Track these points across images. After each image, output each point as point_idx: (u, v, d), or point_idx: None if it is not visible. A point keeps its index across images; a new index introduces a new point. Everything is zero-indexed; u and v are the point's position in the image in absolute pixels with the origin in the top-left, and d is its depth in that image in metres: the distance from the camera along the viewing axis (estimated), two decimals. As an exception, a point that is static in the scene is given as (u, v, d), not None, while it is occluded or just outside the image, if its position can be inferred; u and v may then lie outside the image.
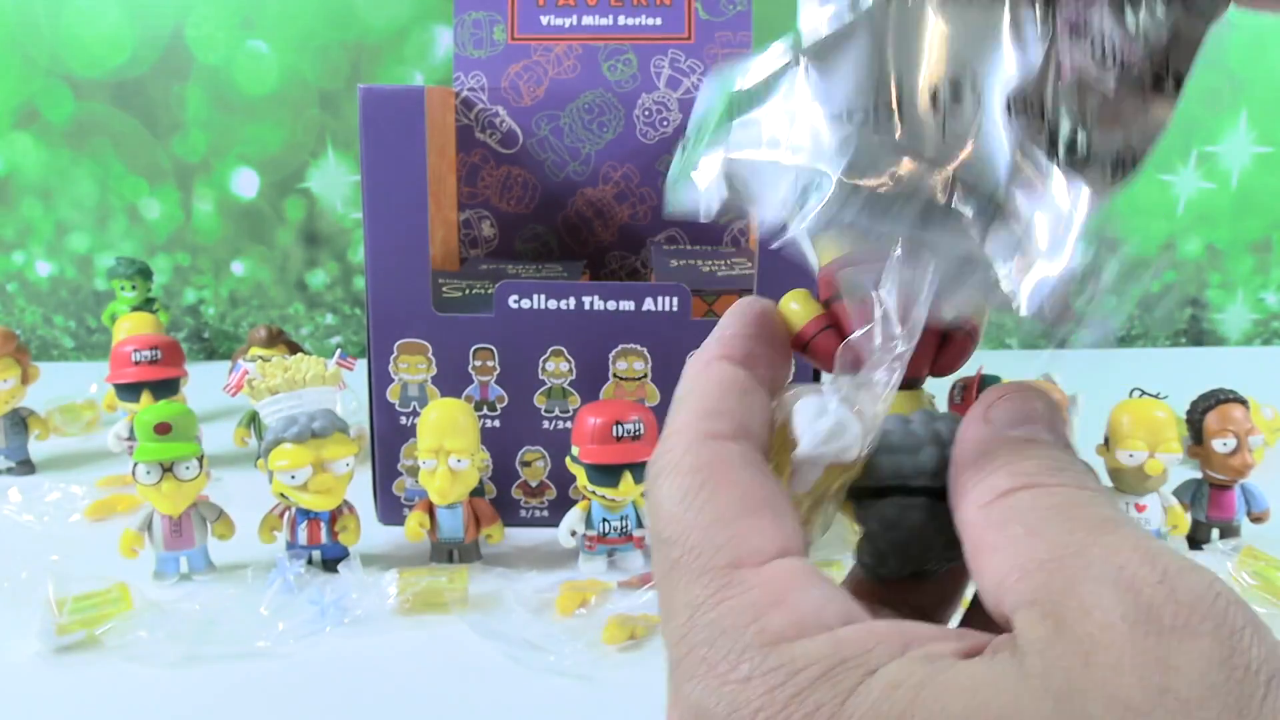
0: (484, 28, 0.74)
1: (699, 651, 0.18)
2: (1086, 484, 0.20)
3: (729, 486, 0.20)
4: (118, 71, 1.00)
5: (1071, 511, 0.19)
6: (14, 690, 0.48)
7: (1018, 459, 0.20)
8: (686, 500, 0.20)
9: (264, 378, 0.61)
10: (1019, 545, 0.19)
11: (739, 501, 0.20)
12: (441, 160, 0.71)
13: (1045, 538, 0.18)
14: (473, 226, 0.77)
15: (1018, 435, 0.21)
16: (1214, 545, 0.60)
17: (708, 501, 0.20)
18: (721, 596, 0.18)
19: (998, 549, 0.19)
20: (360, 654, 0.52)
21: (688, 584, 0.19)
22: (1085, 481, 0.20)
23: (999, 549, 0.19)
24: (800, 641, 0.17)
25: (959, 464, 0.21)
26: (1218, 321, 1.14)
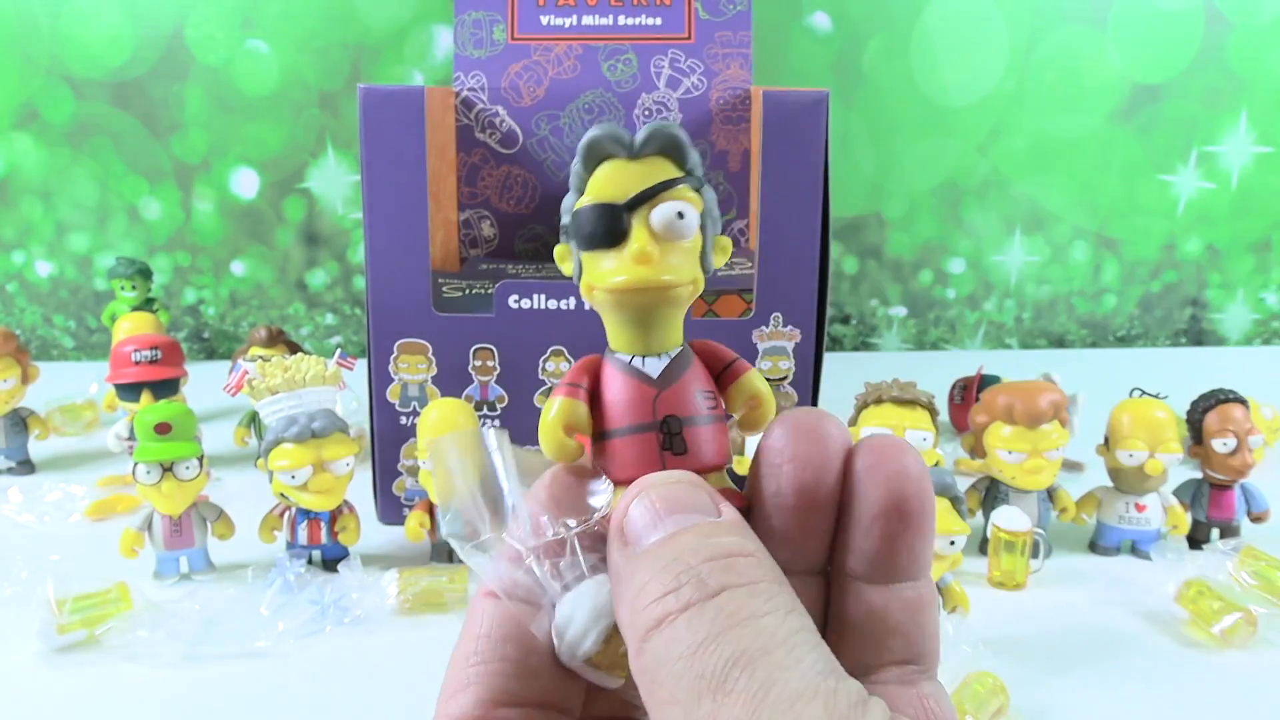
0: (484, 28, 0.74)
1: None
2: (748, 574, 0.19)
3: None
4: (118, 71, 1.00)
5: (725, 642, 0.18)
6: (14, 690, 0.48)
7: (661, 573, 0.19)
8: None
9: (264, 378, 0.61)
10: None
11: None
12: (441, 160, 0.71)
13: (679, 709, 0.18)
14: (473, 226, 0.77)
15: (658, 540, 0.20)
16: (1214, 545, 0.60)
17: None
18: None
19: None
20: (360, 654, 0.52)
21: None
22: (731, 578, 0.18)
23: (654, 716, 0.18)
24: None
25: (617, 607, 0.20)
26: (1218, 321, 1.14)
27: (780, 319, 0.61)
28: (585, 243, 0.22)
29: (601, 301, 0.22)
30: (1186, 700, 0.48)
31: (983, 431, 0.62)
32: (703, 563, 0.19)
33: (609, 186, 0.22)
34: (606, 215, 0.22)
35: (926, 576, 0.22)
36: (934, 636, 0.22)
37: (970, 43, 1.03)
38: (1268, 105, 1.07)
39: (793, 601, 0.18)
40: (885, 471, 0.21)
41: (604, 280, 0.22)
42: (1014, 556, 0.57)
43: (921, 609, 0.21)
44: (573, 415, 0.22)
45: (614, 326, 0.23)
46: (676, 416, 0.22)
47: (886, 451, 0.21)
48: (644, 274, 0.21)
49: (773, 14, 1.00)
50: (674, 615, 0.18)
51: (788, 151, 0.58)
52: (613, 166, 0.22)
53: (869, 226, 1.09)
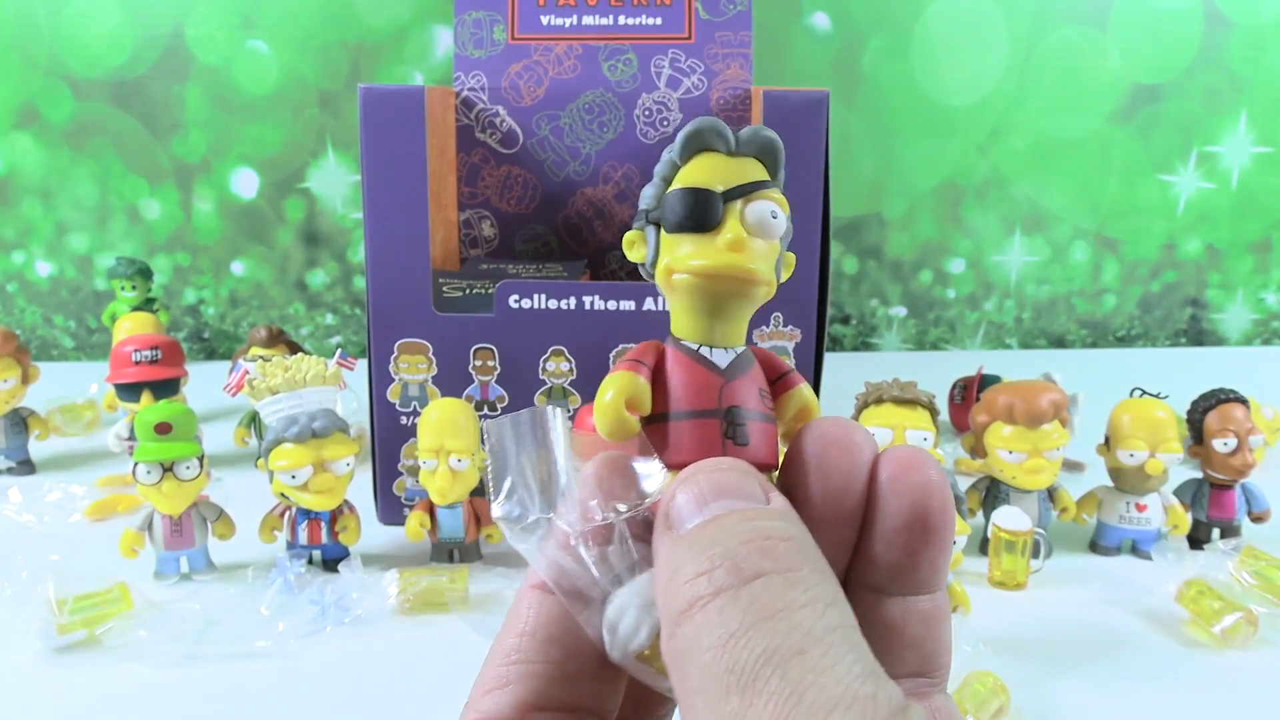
0: (484, 27, 0.74)
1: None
2: (786, 561, 0.18)
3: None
4: (118, 71, 1.00)
5: (757, 636, 0.17)
6: (14, 690, 0.48)
7: (697, 554, 0.18)
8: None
9: (264, 378, 0.61)
10: (693, 713, 0.17)
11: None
12: (441, 160, 0.71)
13: (705, 700, 0.17)
14: (473, 226, 0.77)
15: (700, 523, 0.19)
16: (1214, 545, 0.60)
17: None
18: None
19: (684, 710, 0.18)
20: (360, 654, 0.52)
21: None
22: (768, 564, 0.18)
23: (685, 710, 0.18)
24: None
25: (655, 585, 0.20)
26: (1218, 321, 1.14)
27: (780, 319, 0.61)
28: (677, 224, 0.22)
29: (681, 285, 0.22)
30: (1186, 700, 0.48)
31: (983, 431, 0.62)
32: (740, 544, 0.18)
33: (708, 175, 0.22)
34: (705, 199, 0.22)
35: (943, 590, 0.21)
36: (948, 649, 0.21)
37: (970, 43, 1.03)
38: (1268, 105, 1.07)
39: (834, 592, 0.18)
40: (909, 484, 0.20)
41: (688, 262, 0.22)
42: (1014, 556, 0.57)
43: (937, 621, 0.21)
44: (635, 390, 0.22)
45: (685, 313, 0.22)
46: (741, 408, 0.22)
47: (910, 463, 0.21)
48: (734, 260, 0.21)
49: (773, 14, 1.00)
50: (706, 600, 0.17)
51: (788, 151, 0.58)
52: (711, 158, 0.22)
53: (869, 226, 1.09)
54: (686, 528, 0.19)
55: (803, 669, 0.16)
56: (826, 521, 0.21)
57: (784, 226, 0.22)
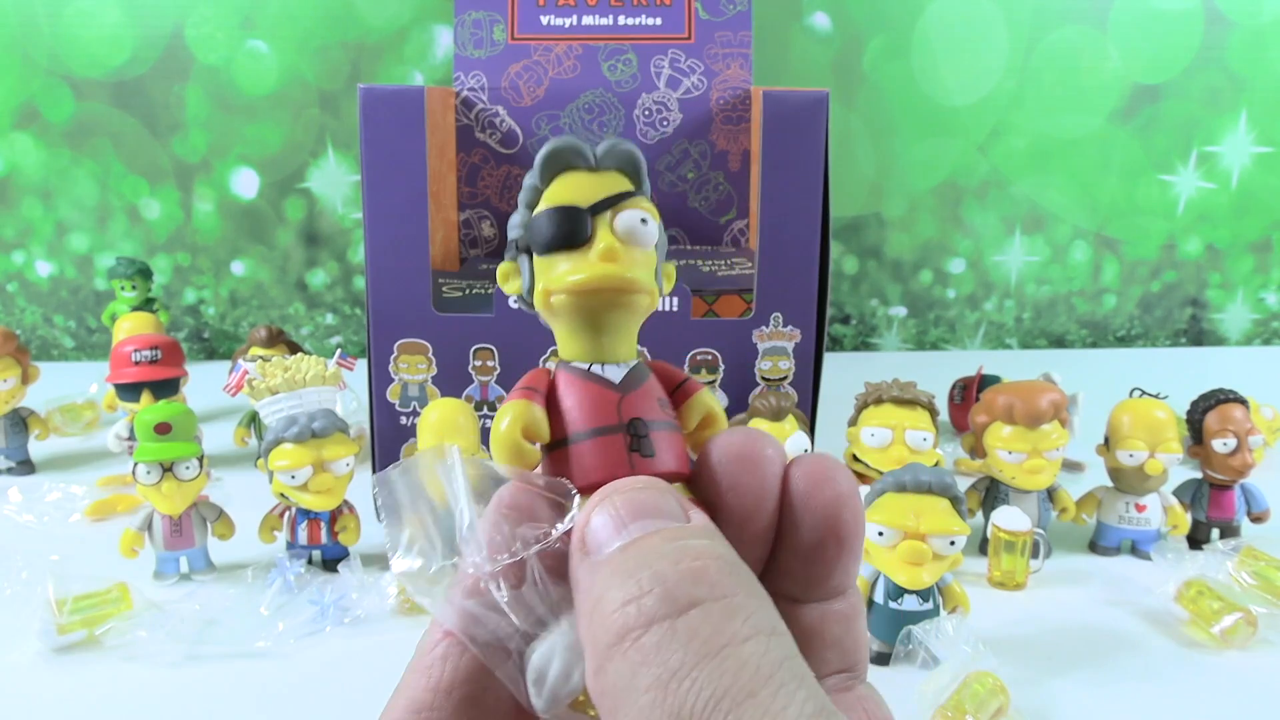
0: (484, 28, 0.74)
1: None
2: (721, 586, 0.17)
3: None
4: (118, 71, 1.00)
5: (702, 676, 0.16)
6: (14, 690, 0.48)
7: (623, 579, 0.17)
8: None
9: (264, 378, 0.61)
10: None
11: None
12: (441, 160, 0.71)
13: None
14: (473, 226, 0.77)
15: (621, 546, 0.18)
16: (1214, 545, 0.60)
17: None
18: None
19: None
20: (360, 654, 0.52)
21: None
22: (702, 590, 0.17)
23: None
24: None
25: (578, 619, 0.18)
26: (1218, 321, 1.14)
27: (780, 319, 0.61)
28: (546, 245, 0.21)
29: (560, 306, 0.22)
30: (1186, 700, 0.48)
31: (983, 431, 0.62)
32: (669, 567, 0.17)
33: (572, 193, 0.22)
34: (572, 215, 0.21)
35: (854, 586, 0.21)
36: (865, 644, 0.21)
37: (970, 43, 1.03)
38: (1268, 105, 1.07)
39: (773, 619, 0.17)
40: (821, 499, 0.20)
41: (564, 280, 0.21)
42: (1014, 556, 0.57)
43: (853, 620, 0.21)
44: (530, 417, 0.21)
45: (569, 334, 0.22)
46: (643, 419, 0.21)
47: (820, 476, 0.20)
48: (610, 270, 0.21)
49: (773, 14, 1.00)
50: (638, 632, 0.16)
51: (788, 151, 0.58)
52: (573, 176, 0.22)
53: (869, 226, 1.09)
54: (606, 552, 0.18)
55: (755, 713, 0.15)
56: (740, 538, 0.20)
57: (656, 234, 0.22)
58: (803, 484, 0.20)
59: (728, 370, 0.62)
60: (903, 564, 0.49)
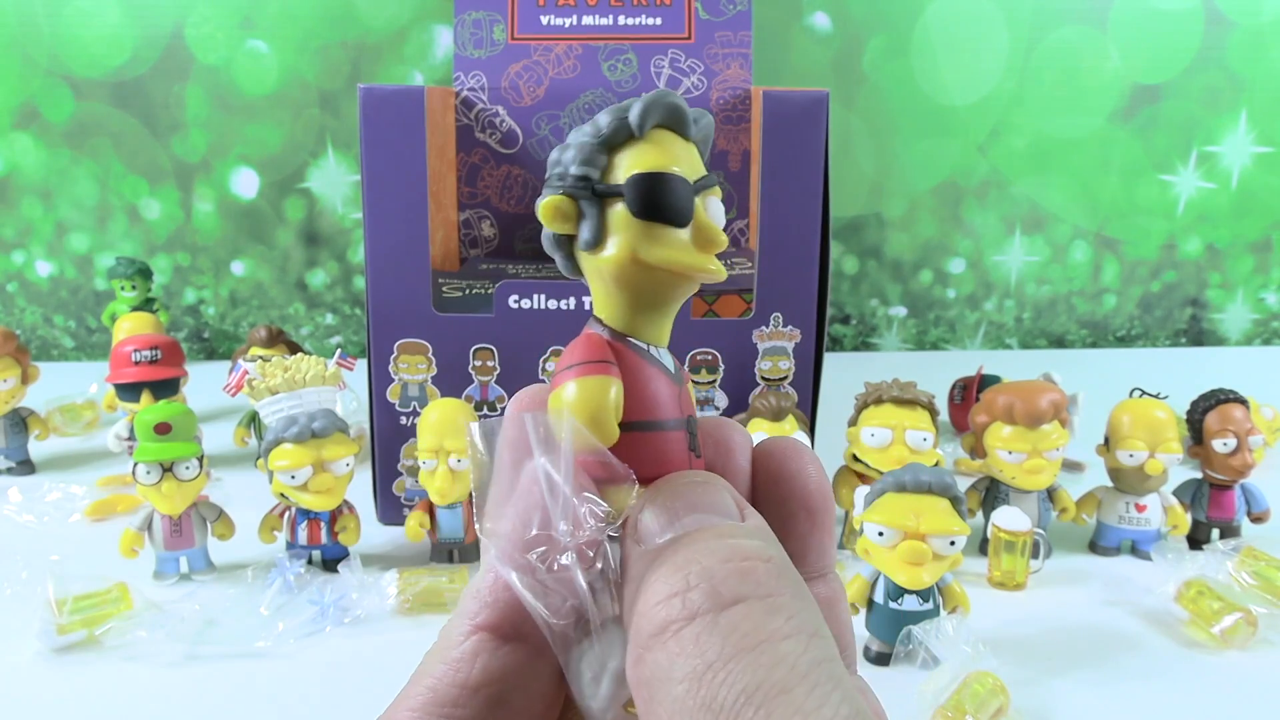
0: (484, 28, 0.74)
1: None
2: (767, 585, 0.16)
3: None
4: (118, 71, 1.00)
5: (737, 669, 0.15)
6: (14, 690, 0.48)
7: (670, 571, 0.17)
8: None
9: (264, 378, 0.61)
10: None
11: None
12: (441, 160, 0.71)
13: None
14: (473, 226, 0.77)
15: (672, 538, 0.18)
16: (1214, 545, 0.60)
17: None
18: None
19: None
20: (360, 654, 0.52)
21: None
22: (748, 588, 0.16)
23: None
24: None
25: (622, 604, 0.18)
26: (1218, 321, 1.14)
27: (780, 319, 0.61)
28: (650, 212, 0.19)
29: (649, 280, 0.20)
30: (1186, 700, 0.48)
31: (983, 431, 0.62)
32: (718, 564, 0.17)
33: (673, 160, 0.20)
34: (687, 193, 0.19)
35: (834, 572, 0.21)
36: (849, 630, 0.21)
37: (970, 43, 1.03)
38: (1268, 105, 1.07)
39: (816, 622, 0.16)
40: (785, 472, 0.20)
41: (672, 257, 0.19)
42: (1014, 556, 0.57)
43: (834, 604, 0.21)
44: (620, 397, 0.19)
45: (630, 306, 0.20)
46: (694, 418, 0.21)
47: (785, 455, 0.20)
48: (715, 264, 0.20)
49: (773, 14, 1.00)
50: (679, 624, 0.16)
51: (788, 151, 0.58)
52: (671, 139, 0.20)
53: (869, 226, 1.09)
54: (656, 542, 0.18)
55: (787, 710, 0.15)
56: None
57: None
58: (768, 462, 0.21)
59: (728, 370, 0.62)
60: (903, 564, 0.49)
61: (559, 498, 0.18)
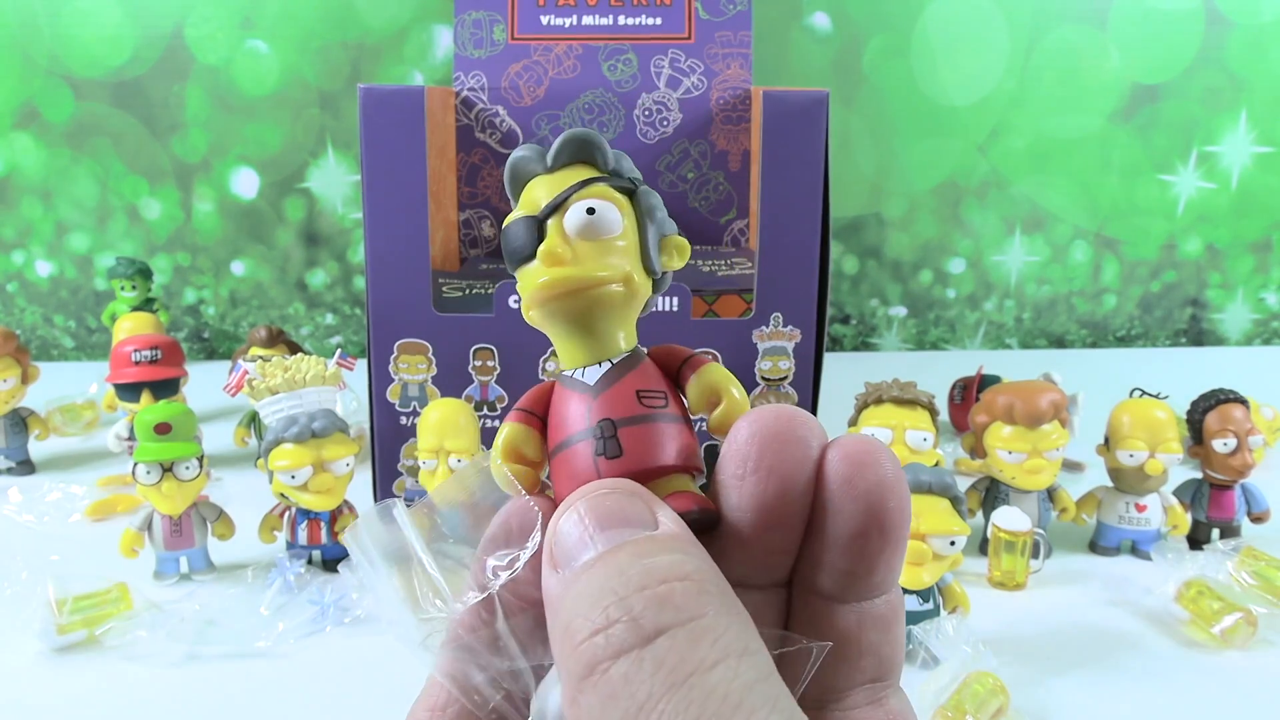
0: (484, 28, 0.74)
1: None
2: (688, 608, 0.16)
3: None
4: (118, 71, 1.00)
5: (669, 708, 0.15)
6: (14, 690, 0.48)
7: (589, 605, 0.16)
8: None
9: (264, 378, 0.61)
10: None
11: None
12: (441, 160, 0.71)
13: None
14: (473, 226, 0.77)
15: (588, 561, 0.17)
16: (1214, 545, 0.60)
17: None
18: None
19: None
20: (360, 654, 0.52)
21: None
22: (668, 615, 0.16)
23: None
24: None
25: (551, 640, 0.18)
26: (1218, 321, 1.14)
27: (780, 319, 0.61)
28: (510, 260, 0.21)
29: (534, 318, 0.21)
30: (1186, 700, 0.48)
31: (983, 431, 0.62)
32: (634, 593, 0.16)
33: (529, 203, 0.21)
34: (523, 227, 0.21)
35: (896, 587, 0.20)
36: (902, 647, 0.20)
37: (970, 43, 1.03)
38: (1268, 105, 1.07)
39: (744, 638, 0.16)
40: (864, 485, 0.18)
41: (526, 294, 0.21)
42: (1014, 556, 0.57)
43: (892, 623, 0.20)
44: (513, 440, 0.21)
45: (557, 342, 0.21)
46: (610, 419, 0.20)
47: (863, 460, 0.19)
48: (559, 273, 0.20)
49: (773, 14, 1.00)
50: (606, 663, 0.16)
51: (788, 151, 0.58)
52: (534, 182, 0.21)
53: (869, 226, 1.09)
54: (574, 566, 0.17)
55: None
56: (765, 528, 0.19)
57: (612, 220, 0.21)
58: (842, 467, 0.19)
59: (728, 370, 0.62)
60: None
61: (423, 583, 0.19)
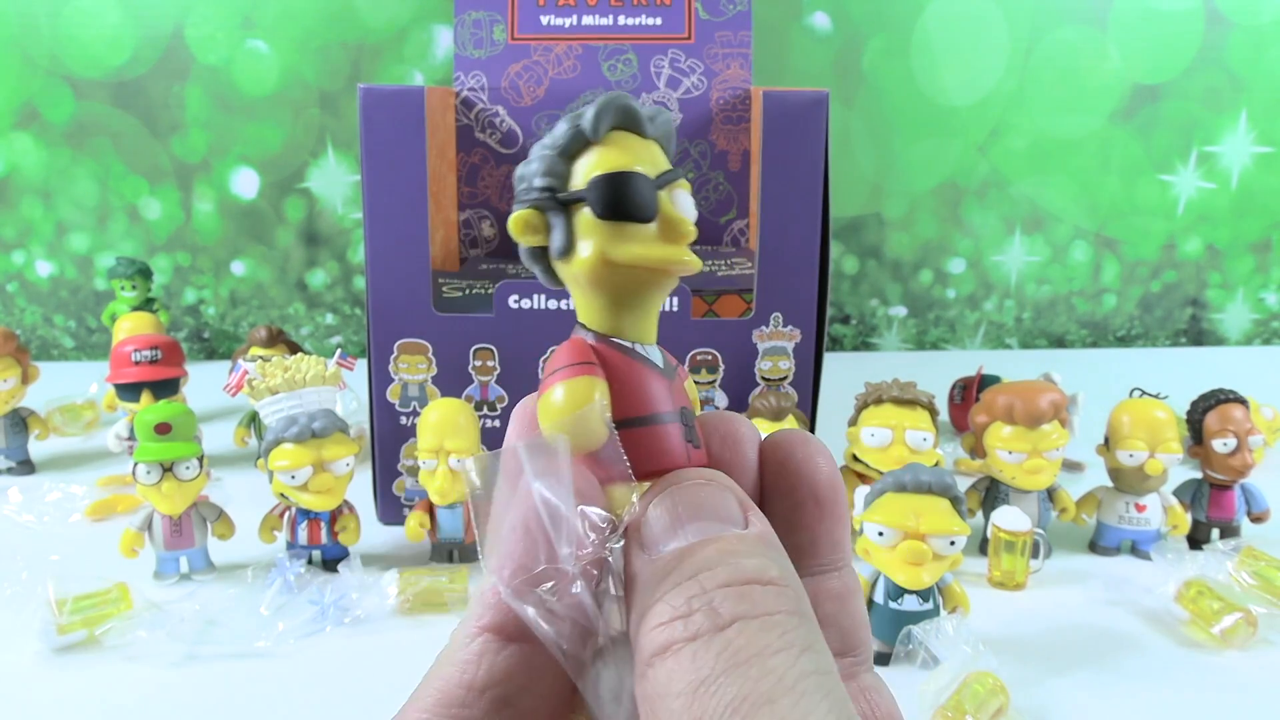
0: (484, 28, 0.74)
1: None
2: (765, 605, 0.17)
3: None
4: (118, 71, 1.00)
5: (727, 683, 0.16)
6: (14, 690, 0.48)
7: (673, 592, 0.17)
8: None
9: (264, 378, 0.61)
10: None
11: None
12: (441, 160, 0.71)
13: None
14: (473, 226, 0.77)
15: (676, 550, 0.18)
16: (1214, 545, 0.60)
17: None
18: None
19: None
20: (360, 654, 0.52)
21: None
22: (745, 608, 0.17)
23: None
24: None
25: (629, 615, 0.18)
26: (1218, 321, 1.14)
27: (780, 319, 0.61)
28: (615, 211, 0.19)
29: (620, 279, 0.20)
30: (1186, 700, 0.48)
31: (983, 431, 0.62)
32: (718, 588, 0.17)
33: (633, 158, 0.20)
34: (648, 188, 0.20)
35: (849, 565, 0.21)
36: (864, 625, 0.21)
37: (970, 43, 1.03)
38: (1268, 105, 1.07)
39: (810, 636, 0.17)
40: (793, 460, 0.20)
41: (641, 253, 0.20)
42: (1014, 556, 0.57)
43: (848, 598, 0.21)
44: (606, 396, 0.20)
45: (609, 307, 0.20)
46: (689, 409, 0.20)
47: (790, 446, 0.21)
48: (687, 255, 0.20)
49: (773, 14, 1.00)
50: (680, 645, 0.16)
51: (788, 151, 0.58)
52: (629, 139, 0.20)
53: (869, 226, 1.09)
54: (661, 551, 0.18)
55: (772, 719, 0.15)
56: None
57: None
58: (775, 453, 0.21)
59: (728, 370, 0.62)
60: (903, 564, 0.49)
61: (560, 524, 0.18)
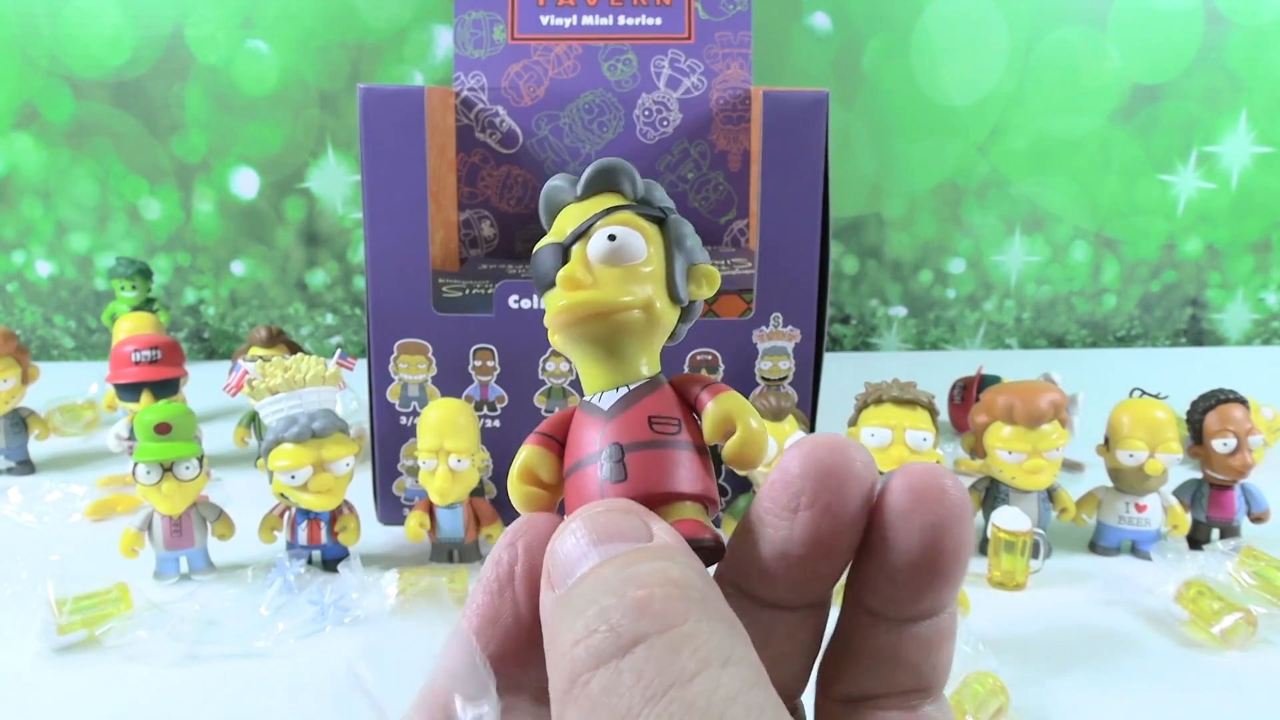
0: (484, 28, 0.74)
1: None
2: (668, 616, 0.15)
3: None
4: (118, 71, 1.00)
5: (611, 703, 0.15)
6: (14, 690, 0.48)
7: (574, 619, 0.16)
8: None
9: (264, 378, 0.61)
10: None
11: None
12: (441, 160, 0.71)
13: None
14: (473, 226, 0.77)
15: (578, 577, 0.17)
16: (1214, 545, 0.60)
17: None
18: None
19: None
20: (360, 654, 0.52)
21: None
22: (646, 624, 0.15)
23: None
24: None
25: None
26: (1218, 321, 1.14)
27: (780, 319, 0.61)
28: (537, 285, 0.22)
29: (557, 343, 0.22)
30: (1186, 700, 0.48)
31: (983, 431, 0.62)
32: (614, 600, 0.16)
33: (558, 229, 0.22)
34: (549, 253, 0.22)
35: (951, 610, 0.19)
36: (946, 667, 0.19)
37: (970, 43, 1.03)
38: (1268, 105, 1.07)
39: (727, 646, 0.15)
40: (924, 520, 0.18)
41: (547, 320, 0.22)
42: (1014, 556, 0.57)
43: (937, 645, 0.19)
44: (529, 462, 0.21)
45: (580, 366, 0.22)
46: (619, 444, 0.20)
47: (925, 493, 0.18)
48: (576, 297, 0.21)
49: (773, 14, 1.00)
50: (586, 675, 0.15)
51: (788, 151, 0.58)
52: (565, 211, 0.22)
53: (869, 226, 1.09)
54: (568, 584, 0.17)
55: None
56: (814, 560, 0.19)
57: (635, 247, 0.21)
58: (902, 500, 0.18)
59: (728, 370, 0.62)
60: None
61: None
